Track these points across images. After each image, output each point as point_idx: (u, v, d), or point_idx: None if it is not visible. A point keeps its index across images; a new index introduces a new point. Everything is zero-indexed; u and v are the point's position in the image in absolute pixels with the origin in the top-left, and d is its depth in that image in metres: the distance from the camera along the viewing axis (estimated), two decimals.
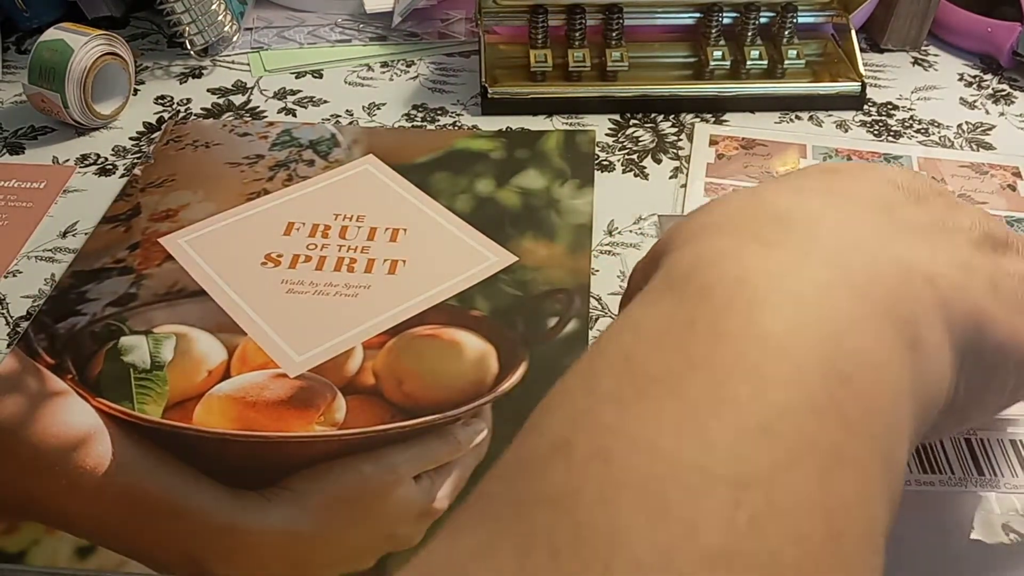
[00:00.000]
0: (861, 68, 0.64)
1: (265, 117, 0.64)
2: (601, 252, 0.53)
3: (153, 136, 0.62)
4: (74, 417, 0.43)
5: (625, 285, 0.50)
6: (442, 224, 0.54)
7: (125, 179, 0.58)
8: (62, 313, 0.48)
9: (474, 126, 0.63)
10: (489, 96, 0.63)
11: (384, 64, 0.70)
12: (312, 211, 0.55)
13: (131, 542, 0.38)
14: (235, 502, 0.39)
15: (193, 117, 0.64)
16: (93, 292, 0.49)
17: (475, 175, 0.57)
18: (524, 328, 0.47)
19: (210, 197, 0.56)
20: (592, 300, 0.50)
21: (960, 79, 0.68)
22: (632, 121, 0.64)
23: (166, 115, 0.64)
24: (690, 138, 0.62)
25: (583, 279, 0.50)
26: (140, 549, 0.38)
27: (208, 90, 0.67)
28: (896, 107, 0.65)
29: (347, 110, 0.65)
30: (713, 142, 0.61)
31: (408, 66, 0.70)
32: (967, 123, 0.64)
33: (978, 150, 0.61)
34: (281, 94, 0.67)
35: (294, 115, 0.64)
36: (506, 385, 0.44)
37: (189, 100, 0.66)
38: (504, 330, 0.47)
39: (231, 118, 0.64)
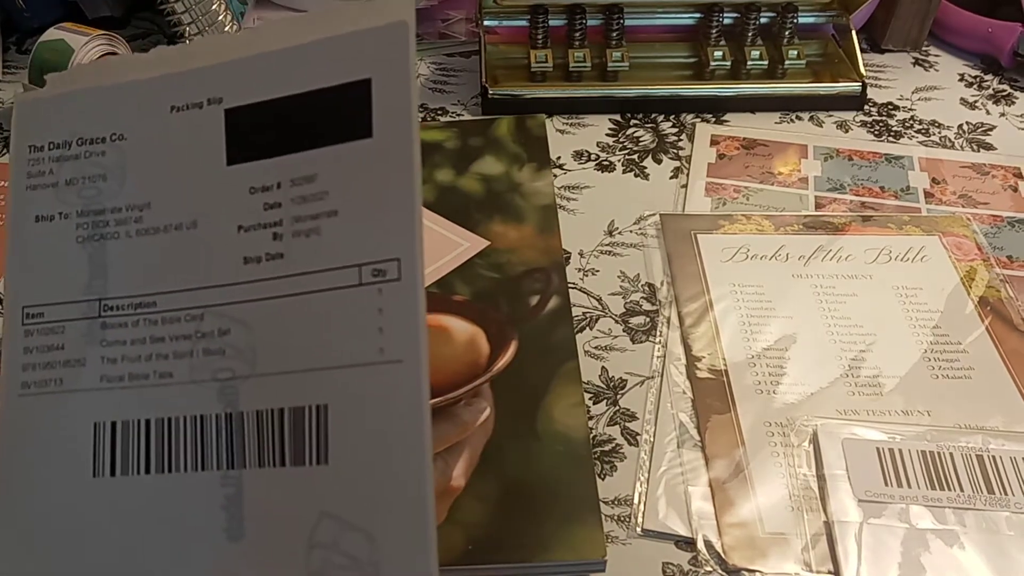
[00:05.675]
0: (862, 68, 0.64)
1: None
2: (601, 252, 0.53)
3: None
4: None
5: (625, 286, 0.50)
6: None
7: None
8: None
9: None
10: (490, 96, 0.63)
11: None
12: None
13: None
14: None
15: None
16: None
17: (433, 165, 0.58)
18: (508, 308, 0.49)
19: None
20: (592, 300, 0.50)
21: (961, 79, 0.68)
22: (632, 121, 0.64)
23: None
24: (691, 138, 0.62)
25: (557, 256, 0.51)
26: None
27: None
28: (897, 107, 0.65)
29: None
30: (714, 142, 0.61)
31: None
32: (968, 123, 0.64)
33: (979, 151, 0.61)
34: None
35: None
36: (501, 363, 0.46)
37: None
38: (489, 312, 0.48)
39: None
